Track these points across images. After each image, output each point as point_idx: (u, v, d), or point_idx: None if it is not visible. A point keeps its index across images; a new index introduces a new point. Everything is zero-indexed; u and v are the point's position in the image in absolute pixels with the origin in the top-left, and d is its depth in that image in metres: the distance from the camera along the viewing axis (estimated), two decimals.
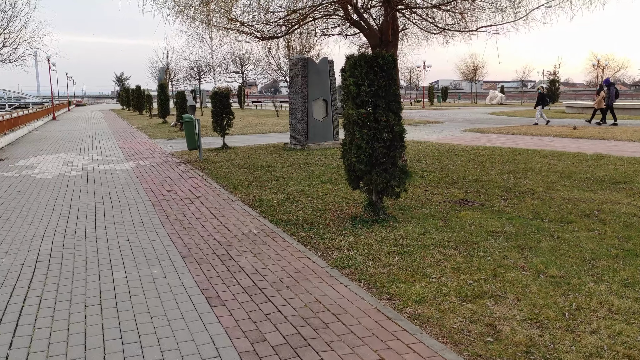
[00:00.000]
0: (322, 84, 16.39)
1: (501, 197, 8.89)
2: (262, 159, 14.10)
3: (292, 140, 16.48)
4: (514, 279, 5.02)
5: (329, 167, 12.48)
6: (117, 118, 41.84)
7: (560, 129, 21.89)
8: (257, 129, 26.10)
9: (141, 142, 20.24)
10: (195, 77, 64.18)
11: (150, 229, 7.26)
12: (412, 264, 5.53)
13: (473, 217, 7.47)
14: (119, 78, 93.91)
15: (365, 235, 6.65)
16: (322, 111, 16.52)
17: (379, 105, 7.09)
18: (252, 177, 11.34)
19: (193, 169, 12.77)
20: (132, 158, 15.20)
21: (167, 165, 13.59)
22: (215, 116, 15.96)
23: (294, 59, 16.18)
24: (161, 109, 31.75)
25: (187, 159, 14.68)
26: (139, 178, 11.59)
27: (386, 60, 7.06)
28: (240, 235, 6.89)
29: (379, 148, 7.06)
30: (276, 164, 13.10)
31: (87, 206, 8.85)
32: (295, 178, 11.02)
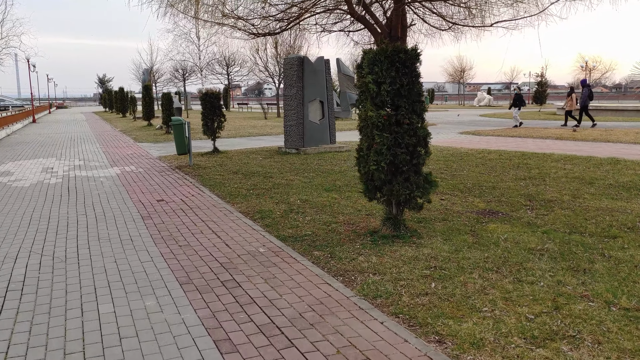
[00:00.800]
0: (318, 85, 15.54)
1: (526, 206, 8.11)
2: (256, 164, 13.21)
3: (287, 143, 15.60)
4: (583, 313, 4.20)
5: (330, 173, 11.62)
6: (99, 121, 40.60)
7: (561, 131, 21.27)
8: (246, 131, 25.18)
9: (126, 146, 19.22)
10: (179, 78, 63.04)
11: (141, 248, 6.35)
12: (454, 293, 4.70)
13: (504, 231, 6.67)
14: (102, 80, 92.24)
15: (389, 255, 5.81)
16: (318, 113, 15.67)
17: (401, 106, 6.26)
18: (249, 184, 10.45)
19: (183, 175, 11.85)
20: (117, 163, 14.22)
21: (155, 171, 12.65)
22: (205, 118, 15.04)
23: (289, 58, 15.31)
24: (146, 111, 30.68)
25: (177, 164, 13.74)
26: (125, 186, 10.64)
27: (409, 55, 6.23)
28: (245, 254, 6.00)
29: (401, 154, 6.23)
30: (273, 170, 12.22)
31: (68, 219, 7.90)
32: (296, 185, 10.15)
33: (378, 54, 6.21)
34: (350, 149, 15.99)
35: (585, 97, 25.04)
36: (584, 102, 25.00)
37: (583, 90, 25.30)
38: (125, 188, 10.40)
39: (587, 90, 25.18)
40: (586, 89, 25.27)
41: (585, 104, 24.98)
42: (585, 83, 25.66)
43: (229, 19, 10.48)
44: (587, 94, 25.06)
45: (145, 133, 25.50)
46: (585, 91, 25.21)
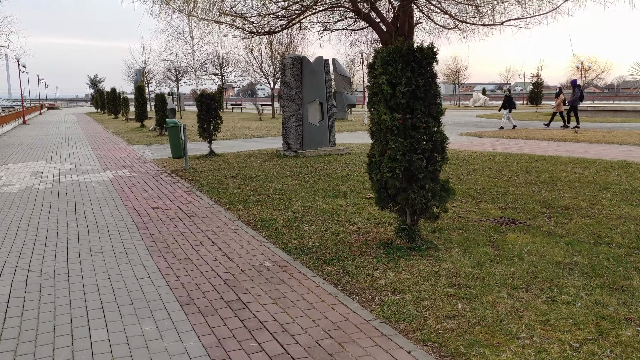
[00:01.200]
0: (317, 85, 15.09)
1: (543, 214, 7.69)
2: (255, 168, 12.74)
3: (286, 146, 15.14)
4: (633, 340, 3.77)
5: (332, 177, 11.17)
6: (91, 122, 39.99)
7: (563, 133, 20.91)
8: (242, 133, 24.69)
9: (118, 149, 18.70)
10: (172, 79, 62.37)
11: (137, 262, 5.88)
12: (484, 315, 4.26)
13: (526, 242, 6.24)
14: (93, 80, 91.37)
15: (406, 270, 5.36)
16: (317, 115, 15.23)
17: (416, 109, 5.82)
18: (248, 190, 9.98)
19: (179, 180, 11.36)
20: (110, 167, 13.72)
21: (149, 175, 12.15)
22: (201, 120, 14.55)
23: (287, 58, 14.86)
24: (139, 112, 30.13)
25: (172, 168, 13.25)
26: (118, 192, 10.15)
27: (425, 54, 5.79)
28: (249, 269, 5.54)
29: (416, 161, 5.79)
30: (272, 174, 11.75)
31: (58, 229, 7.41)
32: (298, 191, 9.70)
33: (392, 53, 5.77)
34: (351, 151, 15.55)
35: (575, 98, 24.69)
36: (574, 102, 24.64)
37: (574, 90, 24.90)
38: (119, 194, 9.91)
39: (578, 91, 24.84)
40: (577, 89, 24.91)
41: (575, 105, 24.64)
42: (575, 83, 25.25)
43: (227, 16, 10.01)
44: (578, 95, 24.73)
45: (138, 135, 24.96)
46: (577, 92, 24.85)
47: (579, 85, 25.63)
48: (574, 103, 24.76)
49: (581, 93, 24.98)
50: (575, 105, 24.77)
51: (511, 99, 25.85)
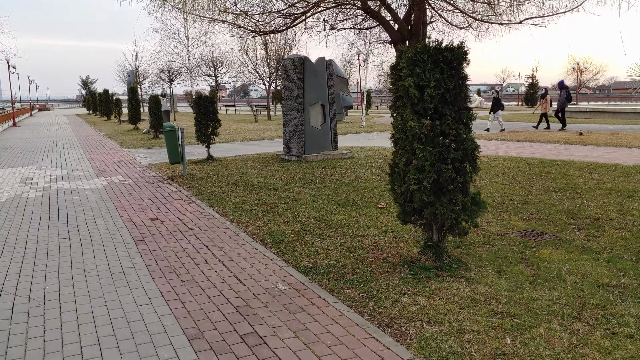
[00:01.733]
0: (319, 87, 14.53)
1: (571, 225, 7.17)
2: (256, 174, 12.16)
3: (287, 150, 14.57)
4: None
5: (338, 184, 10.61)
6: (83, 124, 39.25)
7: (568, 135, 20.43)
8: (238, 135, 24.08)
9: (112, 153, 18.06)
10: (165, 80, 61.63)
11: (136, 284, 5.29)
12: (541, 354, 3.71)
13: (562, 259, 5.71)
14: (85, 81, 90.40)
15: (438, 294, 4.81)
16: (319, 118, 14.67)
17: (445, 114, 5.28)
18: (252, 198, 9.41)
19: (178, 187, 10.76)
20: (103, 173, 13.09)
21: (145, 182, 11.54)
22: (198, 124, 13.96)
23: (288, 58, 14.29)
24: (132, 114, 29.44)
25: (169, 174, 12.64)
26: (113, 201, 9.54)
27: (455, 54, 5.25)
28: (263, 294, 4.98)
29: (446, 171, 5.24)
30: (275, 180, 11.18)
31: (49, 245, 6.80)
32: (305, 200, 9.13)
33: (420, 53, 5.22)
34: (354, 155, 14.99)
35: (563, 99, 24.21)
36: (562, 104, 24.18)
37: (561, 92, 24.36)
38: (114, 203, 9.31)
39: (565, 92, 24.37)
40: (564, 90, 24.44)
41: (562, 106, 24.20)
42: (563, 85, 24.74)
43: (228, 15, 9.44)
44: (565, 96, 24.27)
45: (131, 138, 24.30)
46: (564, 93, 24.36)
47: (567, 87, 25.15)
48: (562, 105, 24.26)
49: (568, 94, 24.54)
50: (563, 107, 24.29)
51: (499, 100, 25.16)
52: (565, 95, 24.29)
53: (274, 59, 39.29)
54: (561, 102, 24.32)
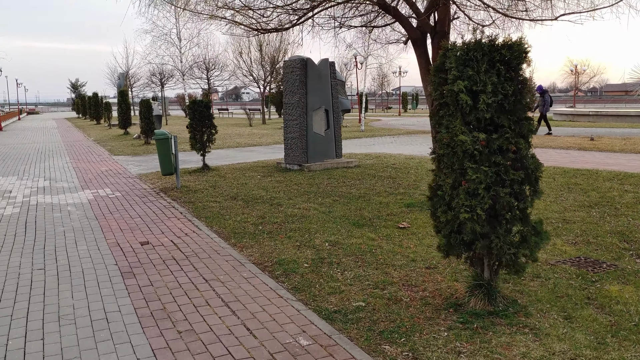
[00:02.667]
0: (323, 91, 13.55)
1: (627, 251, 6.21)
2: (256, 186, 11.14)
3: (288, 158, 13.55)
4: None
5: (348, 198, 9.62)
6: (72, 128, 38.06)
7: (580, 140, 19.52)
8: (233, 141, 23.03)
9: (100, 160, 16.97)
10: (157, 83, 60.46)
11: (122, 337, 4.26)
12: None
13: (637, 299, 4.72)
14: (74, 84, 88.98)
15: (504, 355, 3.81)
16: (323, 123, 13.67)
17: (503, 126, 4.30)
18: (255, 216, 8.39)
19: (171, 202, 9.73)
20: (89, 184, 12.03)
21: (135, 196, 10.49)
22: (193, 130, 12.92)
23: (290, 60, 13.29)
24: (122, 118, 28.34)
25: (161, 185, 11.59)
26: (98, 219, 8.50)
27: (515, 53, 4.27)
28: (280, 352, 3.96)
29: (504, 196, 4.25)
30: (278, 194, 10.17)
31: (19, 279, 5.76)
32: (315, 218, 8.13)
33: (472, 50, 4.24)
34: (359, 163, 13.99)
35: (546, 104, 23.34)
36: (545, 109, 23.30)
37: (544, 97, 23.36)
38: (99, 222, 8.26)
39: (548, 97, 23.54)
40: (547, 95, 23.58)
41: (546, 112, 23.37)
42: (542, 89, 23.65)
43: (227, 10, 8.44)
44: (548, 101, 23.47)
45: (121, 143, 23.20)
46: (547, 98, 23.52)
47: (547, 91, 24.26)
48: (545, 110, 23.38)
49: (550, 99, 23.77)
50: (545, 112, 23.45)
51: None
52: (549, 99, 23.50)
53: (269, 61, 38.31)
54: (546, 108, 23.39)
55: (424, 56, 8.42)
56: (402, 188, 10.46)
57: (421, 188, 10.31)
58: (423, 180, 11.27)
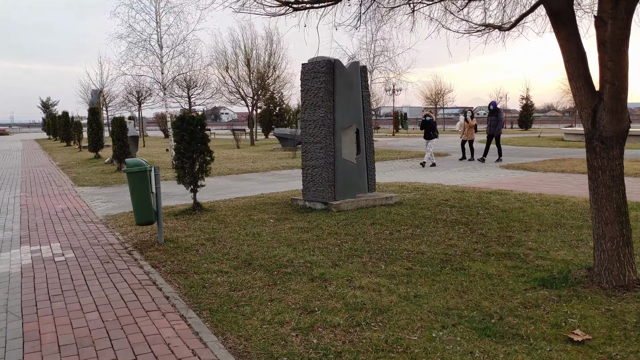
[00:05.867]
0: (354, 104, 10.22)
1: None
2: (275, 238, 7.68)
3: (308, 194, 10.12)
4: None
5: (425, 263, 6.23)
6: (38, 151, 34.17)
7: (636, 166, 16.36)
8: (224, 167, 19.49)
9: (58, 194, 13.34)
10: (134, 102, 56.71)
11: None
12: None
13: None
14: (45, 104, 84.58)
15: None
16: (353, 147, 10.30)
17: None
18: (293, 307, 4.95)
19: (150, 274, 6.21)
20: (33, 234, 8.47)
21: (95, 258, 6.95)
22: (181, 157, 9.44)
23: (312, 62, 9.92)
24: (92, 139, 24.67)
25: (136, 238, 8.06)
26: (25, 316, 4.97)
27: None
28: None
29: None
30: (314, 254, 6.73)
31: None
32: (400, 314, 4.72)
33: None
34: (402, 200, 10.59)
35: (500, 124, 20.03)
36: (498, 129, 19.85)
37: (498, 115, 19.95)
38: (25, 325, 4.72)
39: (502, 116, 20.33)
40: (501, 114, 20.37)
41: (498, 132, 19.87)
42: (495, 106, 20.10)
43: None
44: (502, 120, 20.17)
45: (89, 170, 19.54)
46: (501, 116, 20.31)
47: (499, 109, 20.67)
48: (498, 131, 19.82)
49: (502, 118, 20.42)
50: (498, 133, 19.88)
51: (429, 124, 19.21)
52: (502, 118, 20.23)
53: (258, 76, 34.99)
54: (499, 128, 19.90)
55: (574, 39, 5.13)
56: (496, 242, 7.09)
57: (527, 243, 6.96)
58: (514, 227, 7.92)
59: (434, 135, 18.87)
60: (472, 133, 20.62)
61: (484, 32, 7.21)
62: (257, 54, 34.63)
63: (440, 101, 64.30)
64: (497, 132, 19.84)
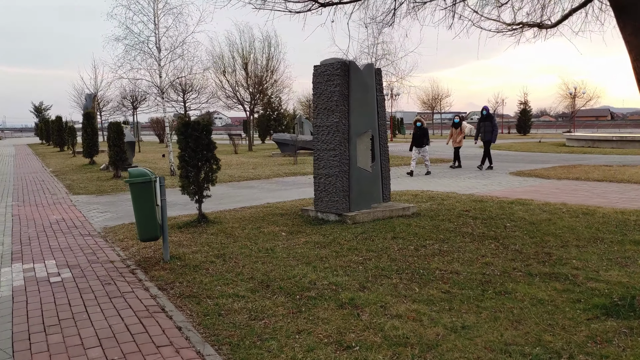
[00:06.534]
0: (370, 108, 9.61)
1: None
2: (291, 255, 7.04)
3: (321, 204, 9.49)
4: None
5: (461, 284, 5.63)
6: (31, 156, 33.40)
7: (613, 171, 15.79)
8: (224, 173, 18.77)
9: (53, 203, 12.65)
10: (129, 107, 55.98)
11: None
12: None
13: None
14: (38, 108, 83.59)
15: None
16: (368, 155, 9.67)
17: None
18: (326, 341, 4.31)
19: (156, 296, 5.55)
20: (26, 250, 7.80)
21: (95, 279, 6.29)
22: (186, 165, 8.79)
23: (326, 64, 9.32)
24: (87, 145, 23.95)
25: (138, 255, 7.39)
26: (21, 354, 4.30)
27: None
28: None
29: None
30: (337, 274, 6.10)
31: None
32: (450, 351, 4.06)
33: None
34: (420, 210, 9.97)
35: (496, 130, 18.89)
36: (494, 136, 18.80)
37: (492, 121, 18.93)
38: None
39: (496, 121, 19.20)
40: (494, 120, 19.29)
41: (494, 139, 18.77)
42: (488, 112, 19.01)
43: None
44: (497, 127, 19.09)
45: (84, 176, 18.83)
46: (495, 122, 19.17)
47: (492, 115, 19.63)
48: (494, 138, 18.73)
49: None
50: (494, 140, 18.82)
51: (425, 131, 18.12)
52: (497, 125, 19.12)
53: (255, 81, 34.37)
54: (495, 135, 18.76)
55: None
56: (535, 260, 6.47)
57: (570, 261, 6.35)
58: (549, 242, 7.32)
59: (427, 142, 18.23)
60: (461, 140, 19.78)
61: (517, 31, 6.61)
62: (255, 57, 34.03)
63: (438, 106, 63.84)
64: (494, 138, 18.83)
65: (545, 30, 6.51)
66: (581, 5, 5.81)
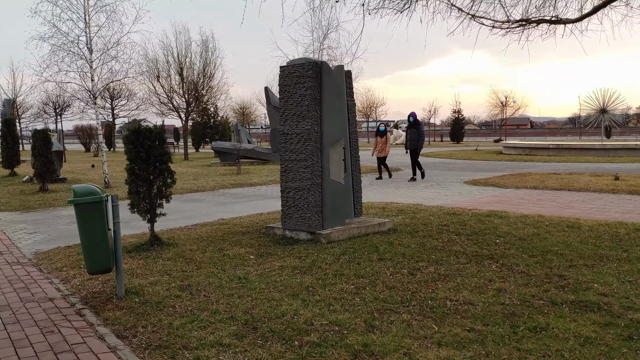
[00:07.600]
0: (342, 114, 8.72)
1: None
2: (271, 287, 6.02)
3: (290, 221, 8.49)
4: None
5: (494, 323, 4.85)
6: None
7: (605, 181, 15.73)
8: None
9: None
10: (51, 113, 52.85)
11: None
12: None
13: None
14: None
15: None
16: (341, 165, 8.77)
17: None
18: None
19: (116, 348, 4.41)
20: None
21: (34, 327, 5.03)
22: (135, 180, 7.56)
23: (294, 64, 8.35)
24: (7, 155, 21.82)
25: (86, 289, 6.13)
26: None
27: None
28: None
29: None
30: (334, 311, 5.15)
31: None
32: None
33: None
34: (396, 227, 9.15)
35: (422, 138, 18.02)
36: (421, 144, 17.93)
37: (419, 128, 18.01)
38: None
39: (423, 129, 18.40)
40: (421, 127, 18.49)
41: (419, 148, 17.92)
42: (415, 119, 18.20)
43: None
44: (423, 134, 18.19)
45: (5, 190, 16.92)
46: (422, 130, 18.34)
47: (419, 122, 18.75)
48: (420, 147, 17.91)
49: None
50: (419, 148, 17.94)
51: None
52: (423, 132, 18.29)
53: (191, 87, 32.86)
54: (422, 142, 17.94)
55: None
56: (549, 284, 5.75)
57: (591, 285, 5.68)
58: (552, 261, 6.65)
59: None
60: (387, 149, 18.68)
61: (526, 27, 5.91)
62: (192, 62, 32.54)
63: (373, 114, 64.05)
64: (420, 147, 17.89)
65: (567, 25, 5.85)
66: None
